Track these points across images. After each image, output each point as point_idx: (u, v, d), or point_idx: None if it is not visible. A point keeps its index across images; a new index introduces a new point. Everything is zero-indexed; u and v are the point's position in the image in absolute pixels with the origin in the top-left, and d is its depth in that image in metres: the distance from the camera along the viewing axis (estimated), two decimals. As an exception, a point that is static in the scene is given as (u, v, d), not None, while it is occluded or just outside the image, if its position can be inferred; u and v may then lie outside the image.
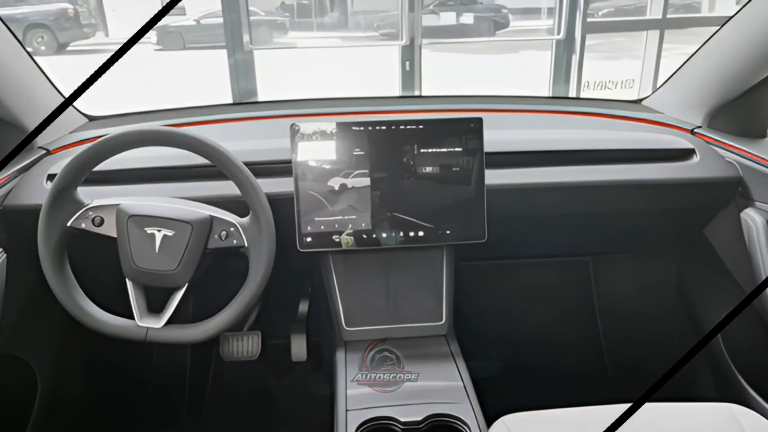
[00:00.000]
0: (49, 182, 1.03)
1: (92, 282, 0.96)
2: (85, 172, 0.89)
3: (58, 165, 1.01)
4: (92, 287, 0.94)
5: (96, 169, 0.90)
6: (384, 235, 1.03)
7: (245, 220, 0.92)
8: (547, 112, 1.33)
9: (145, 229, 0.89)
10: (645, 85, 4.27)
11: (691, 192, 1.12)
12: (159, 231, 0.89)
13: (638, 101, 1.40)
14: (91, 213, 0.90)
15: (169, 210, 0.91)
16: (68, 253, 0.91)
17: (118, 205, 0.91)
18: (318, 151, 1.01)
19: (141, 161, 1.04)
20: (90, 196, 0.93)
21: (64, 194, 0.88)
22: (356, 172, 1.01)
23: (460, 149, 1.02)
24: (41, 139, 1.14)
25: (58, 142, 1.17)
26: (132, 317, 0.91)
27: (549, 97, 2.17)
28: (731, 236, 1.10)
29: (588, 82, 4.69)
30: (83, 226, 0.90)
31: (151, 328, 0.90)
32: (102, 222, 0.91)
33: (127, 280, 0.91)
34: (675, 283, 1.36)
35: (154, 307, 0.93)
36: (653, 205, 1.14)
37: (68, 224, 0.89)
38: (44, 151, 1.12)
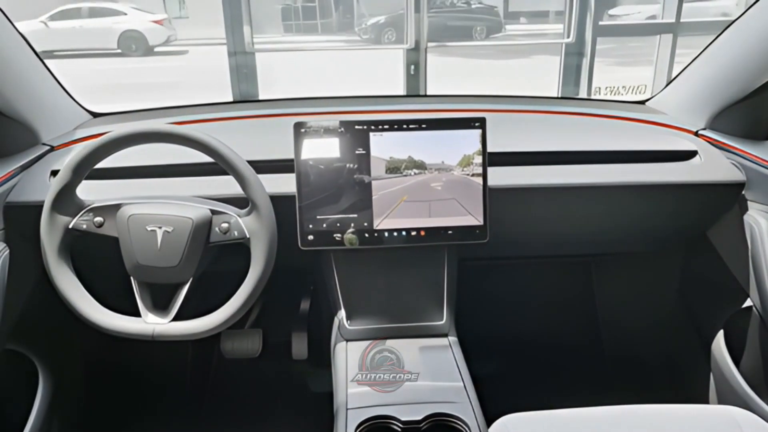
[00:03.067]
0: (52, 178, 1.07)
1: (96, 281, 1.00)
2: (85, 170, 0.93)
3: (62, 161, 1.05)
4: (96, 287, 0.98)
5: (98, 165, 0.94)
6: (386, 234, 1.06)
7: (245, 212, 0.96)
8: (550, 112, 1.37)
9: (146, 227, 0.93)
10: (657, 91, 4.31)
11: (694, 194, 1.15)
12: (160, 228, 0.93)
13: (642, 102, 1.44)
14: (91, 214, 0.94)
15: (168, 207, 0.95)
16: (72, 253, 0.95)
17: (118, 205, 0.95)
18: (321, 149, 1.05)
19: (144, 158, 1.08)
20: (92, 192, 0.97)
21: (64, 195, 0.92)
22: (358, 170, 1.05)
23: (463, 149, 1.06)
24: (45, 135, 1.18)
25: (61, 138, 1.21)
26: (138, 315, 0.94)
27: (553, 98, 2.21)
28: (734, 238, 1.13)
29: (599, 87, 4.72)
30: (84, 227, 0.94)
31: (158, 324, 0.94)
32: (103, 222, 0.95)
33: (131, 279, 0.95)
34: (677, 284, 1.39)
35: (160, 305, 0.96)
36: (656, 207, 1.18)
37: (70, 226, 0.93)
38: (48, 147, 1.17)
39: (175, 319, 0.94)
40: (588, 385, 1.46)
